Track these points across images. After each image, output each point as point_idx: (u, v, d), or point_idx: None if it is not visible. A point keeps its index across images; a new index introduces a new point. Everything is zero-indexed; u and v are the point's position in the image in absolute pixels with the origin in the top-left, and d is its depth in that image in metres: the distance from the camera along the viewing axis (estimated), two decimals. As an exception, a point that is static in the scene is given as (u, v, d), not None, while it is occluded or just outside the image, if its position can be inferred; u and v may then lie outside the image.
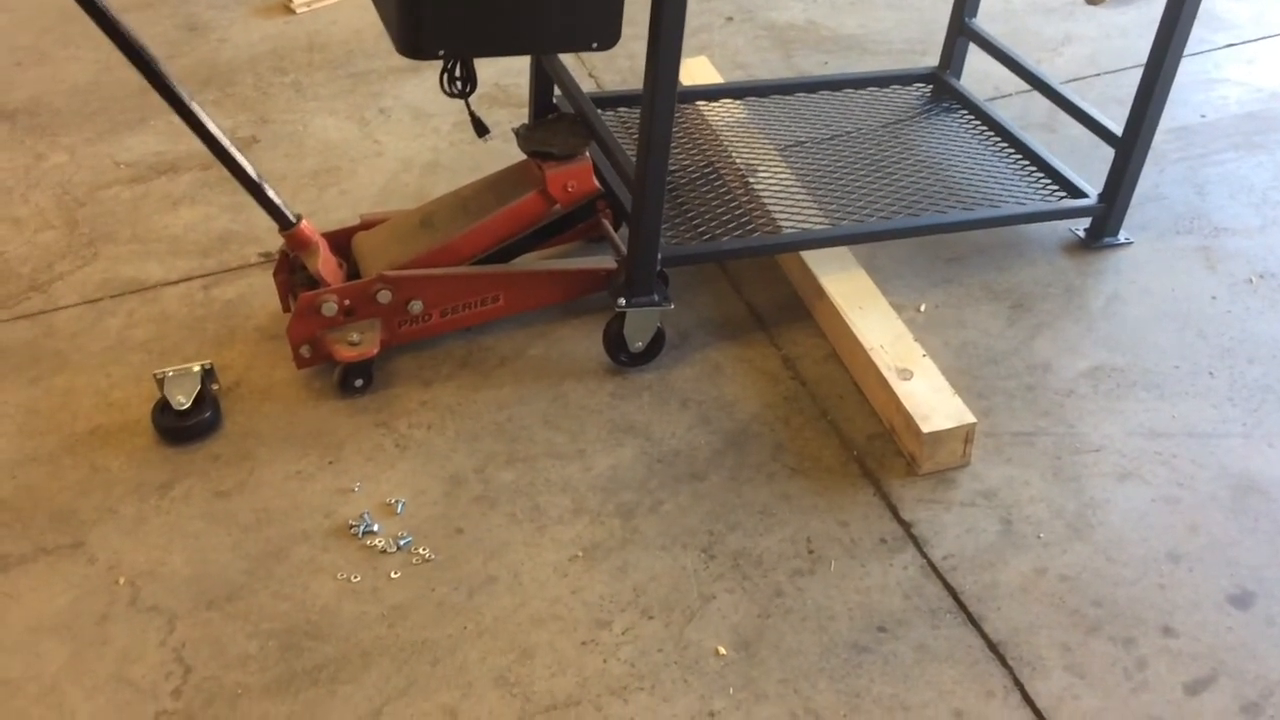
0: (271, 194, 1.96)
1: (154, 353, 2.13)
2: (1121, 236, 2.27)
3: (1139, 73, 2.13)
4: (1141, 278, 2.20)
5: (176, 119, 1.86)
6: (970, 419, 1.81)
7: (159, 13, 3.36)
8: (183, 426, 1.94)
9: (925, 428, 1.79)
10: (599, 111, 2.24)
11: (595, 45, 1.82)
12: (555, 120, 2.20)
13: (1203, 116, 2.62)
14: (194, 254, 2.39)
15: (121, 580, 1.72)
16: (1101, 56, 2.91)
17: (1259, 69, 2.82)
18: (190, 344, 2.15)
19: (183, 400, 1.93)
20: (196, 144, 1.88)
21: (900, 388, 1.86)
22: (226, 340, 2.16)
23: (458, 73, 2.03)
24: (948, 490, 1.81)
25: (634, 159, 2.09)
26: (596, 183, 2.14)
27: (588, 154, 2.13)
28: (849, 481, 1.83)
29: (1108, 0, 2.30)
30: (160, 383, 1.95)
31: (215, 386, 2.00)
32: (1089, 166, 2.35)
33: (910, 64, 2.91)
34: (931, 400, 1.84)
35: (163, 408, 1.95)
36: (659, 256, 1.97)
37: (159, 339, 2.17)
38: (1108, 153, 2.32)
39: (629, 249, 1.97)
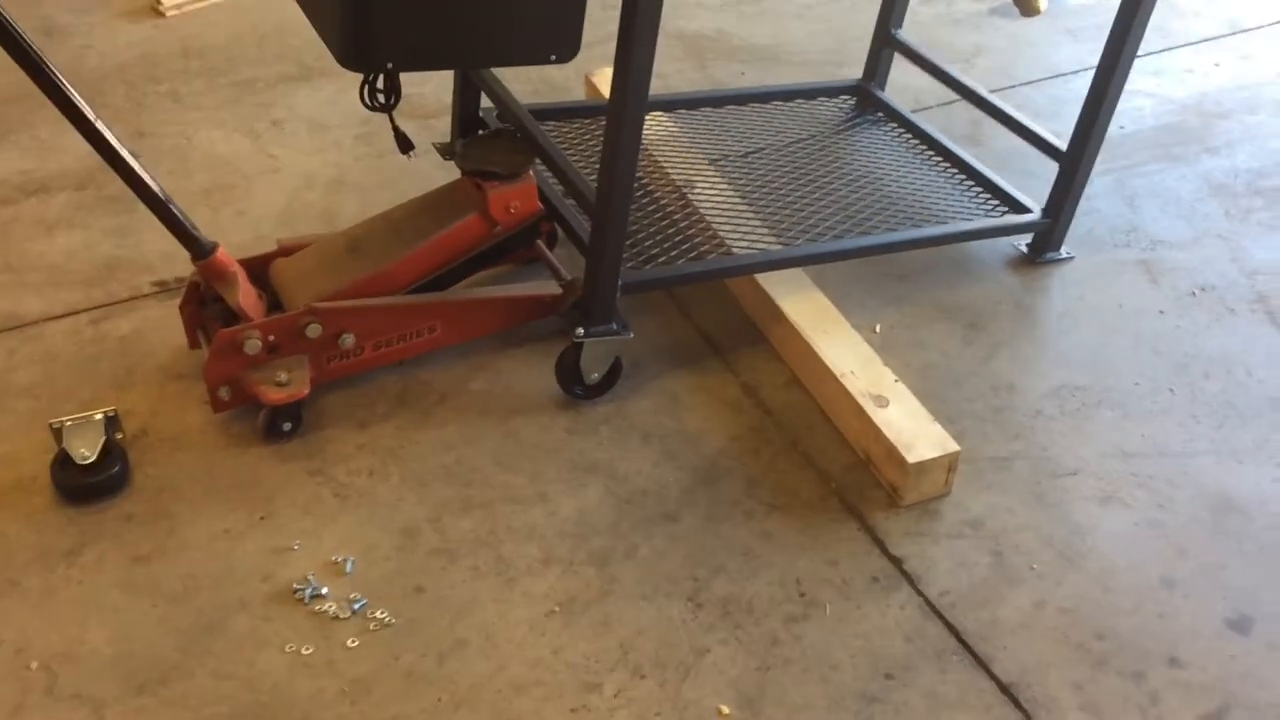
0: (181, 216, 1.76)
1: (43, 398, 1.89)
2: (1063, 251, 2.26)
3: (1057, 83, 2.12)
4: (1088, 293, 2.19)
5: (42, 133, 1.65)
6: (954, 447, 1.74)
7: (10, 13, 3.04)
8: (89, 483, 1.71)
9: (910, 457, 1.72)
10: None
11: (554, 58, 1.69)
12: (493, 136, 2.05)
13: (1121, 128, 2.64)
14: (77, 284, 2.14)
15: (34, 665, 1.50)
16: (1015, 67, 2.92)
17: (1167, 80, 2.87)
18: (83, 387, 1.92)
19: (86, 453, 1.70)
20: (68, 161, 1.67)
21: (878, 416, 1.79)
22: (125, 382, 1.93)
23: (380, 84, 1.86)
24: (933, 522, 1.74)
25: (588, 177, 1.96)
26: (540, 203, 2.00)
27: (531, 172, 1.99)
28: (830, 516, 1.75)
29: (1043, 10, 2.28)
30: (58, 433, 1.72)
31: (120, 436, 1.78)
32: (1020, 180, 2.34)
33: (826, 75, 2.86)
34: (911, 428, 1.77)
35: (63, 462, 1.72)
36: (619, 282, 1.84)
37: (46, 382, 1.92)
38: (1038, 165, 2.31)
39: (588, 275, 1.84)
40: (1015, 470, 1.83)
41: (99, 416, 1.74)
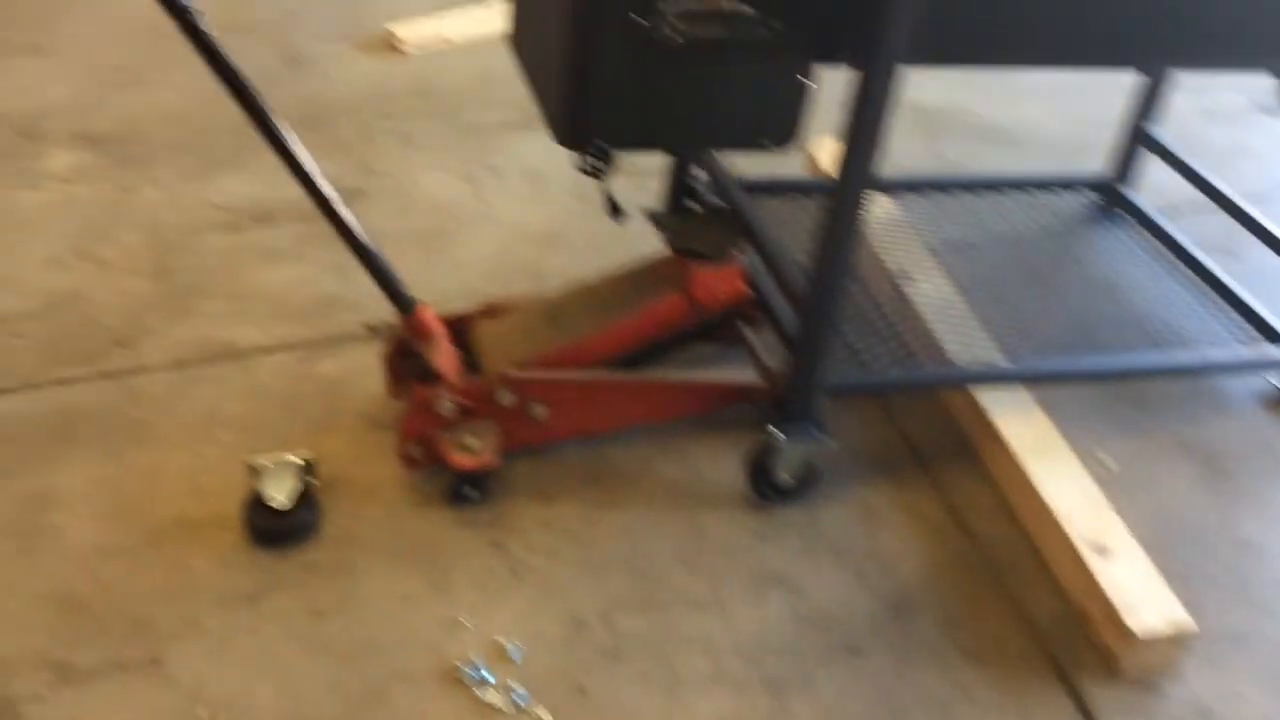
0: (388, 269, 1.76)
1: (248, 431, 1.93)
2: (1328, 394, 2.03)
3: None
4: (1353, 446, 1.95)
5: (275, 160, 1.66)
6: (1186, 619, 1.56)
7: (257, 39, 3.19)
8: (279, 528, 1.73)
9: (1134, 625, 1.55)
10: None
11: (768, 144, 1.61)
12: (705, 214, 1.99)
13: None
14: (293, 318, 2.19)
15: (204, 713, 1.51)
16: (1281, 175, 2.67)
17: None
18: (286, 425, 1.95)
19: (280, 499, 1.72)
20: (297, 192, 1.68)
21: (1099, 569, 1.62)
22: (326, 424, 1.95)
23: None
24: (1153, 700, 1.56)
25: (797, 268, 1.87)
26: (747, 288, 1.92)
27: (739, 255, 1.91)
28: (1035, 675, 1.59)
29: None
30: (255, 473, 1.74)
31: (314, 481, 1.79)
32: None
33: (1067, 164, 2.68)
34: (1137, 590, 1.60)
35: (256, 504, 1.74)
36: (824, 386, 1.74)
37: (253, 416, 1.96)
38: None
39: (791, 374, 1.75)
40: (1254, 650, 1.63)
41: (296, 461, 1.76)
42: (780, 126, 1.62)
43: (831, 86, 1.61)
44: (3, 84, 2.89)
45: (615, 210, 1.96)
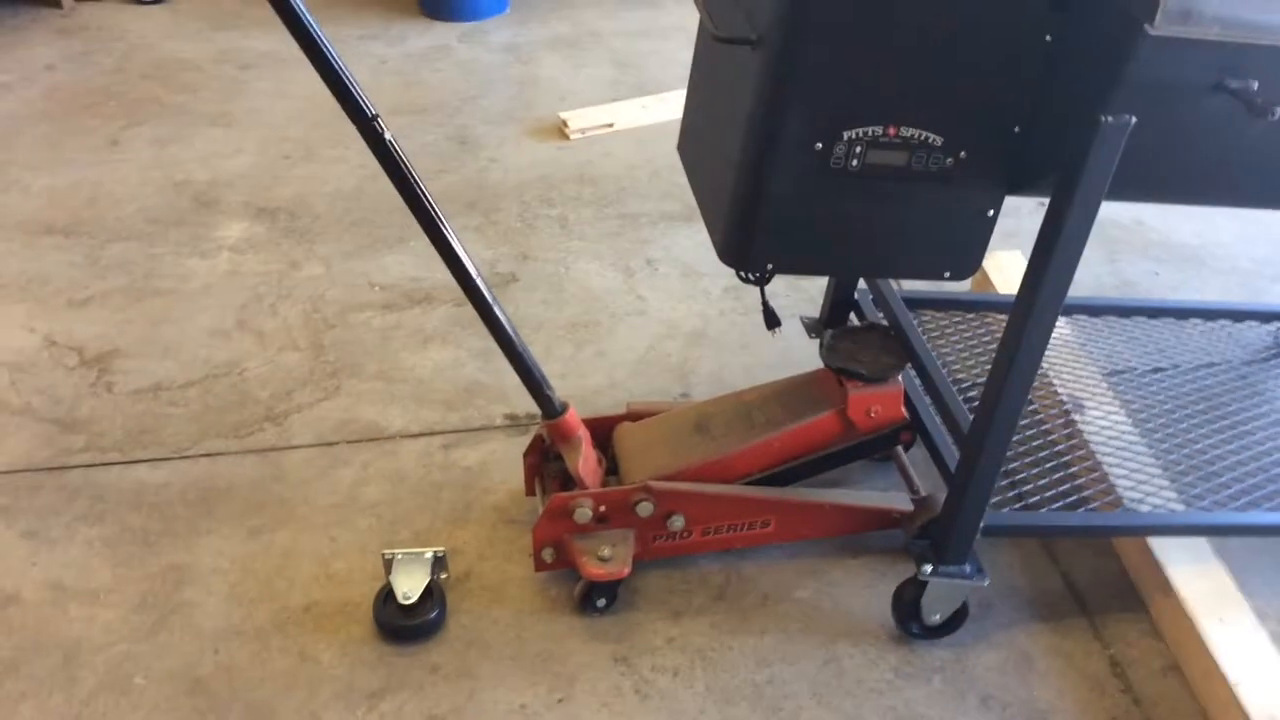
0: (536, 368, 1.73)
1: (384, 519, 1.93)
2: None
3: None
4: None
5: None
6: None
7: (431, 120, 3.27)
8: (406, 625, 1.71)
9: (1318, 819, 1.38)
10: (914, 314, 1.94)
11: (948, 275, 1.53)
12: (865, 330, 1.91)
13: None
14: (438, 404, 2.19)
15: (311, 813, 1.48)
16: None
17: None
18: (422, 514, 1.94)
19: (409, 594, 1.70)
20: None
21: (1281, 751, 1.46)
22: (461, 516, 1.94)
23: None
24: None
25: (963, 390, 1.78)
26: (905, 411, 1.83)
27: (900, 377, 1.83)
28: None
29: None
30: (388, 565, 1.73)
31: (444, 576, 1.77)
32: None
33: (1256, 289, 2.51)
34: (1323, 777, 1.43)
35: (387, 597, 1.73)
36: (982, 525, 1.64)
37: (391, 502, 1.96)
38: None
39: (946, 509, 1.65)
40: None
41: (428, 555, 1.74)
42: (961, 257, 1.53)
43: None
44: (188, 153, 3.04)
45: (772, 320, 1.89)
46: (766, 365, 2.32)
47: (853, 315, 2.07)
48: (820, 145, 1.41)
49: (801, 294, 2.52)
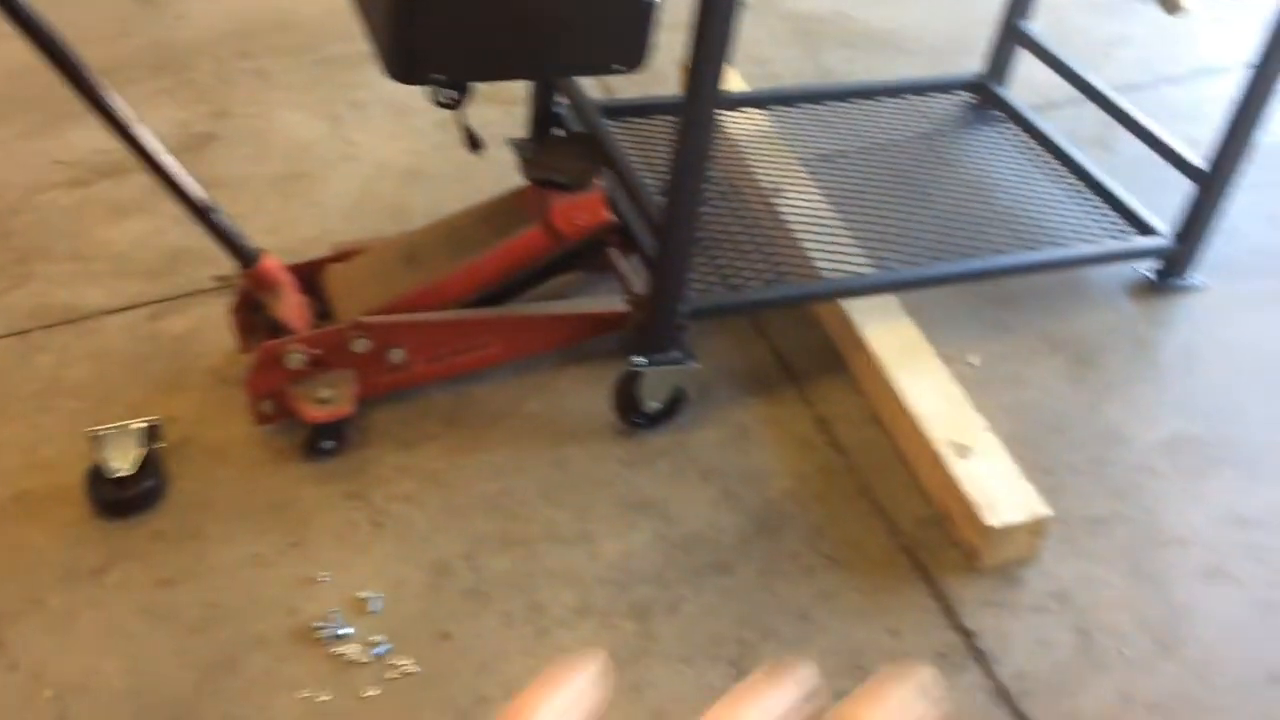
0: (226, 223, 1.67)
1: (91, 399, 1.85)
2: (1195, 279, 2.02)
3: (1202, 81, 1.88)
4: (1219, 329, 1.95)
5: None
6: (1043, 510, 1.56)
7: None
8: (121, 498, 1.66)
9: (990, 519, 1.54)
10: (609, 122, 1.96)
11: (619, 68, 1.54)
12: (563, 141, 1.92)
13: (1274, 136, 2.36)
14: (140, 275, 2.09)
15: (49, 693, 1.45)
16: (1158, 62, 2.64)
17: (1331, 81, 2.56)
18: (133, 388, 1.87)
19: (120, 466, 1.65)
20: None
21: (957, 468, 1.61)
22: (175, 384, 1.88)
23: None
24: (1014, 590, 1.56)
25: (654, 192, 1.81)
26: (609, 214, 1.86)
27: (600, 182, 1.85)
28: (898, 577, 1.58)
29: (1187, 7, 2.03)
30: (96, 443, 1.67)
31: (160, 445, 1.72)
32: (1152, 192, 2.09)
33: (947, 65, 2.63)
34: (995, 485, 1.59)
35: (97, 474, 1.67)
36: (682, 308, 1.70)
37: (97, 381, 1.88)
38: (1175, 173, 2.06)
39: (649, 299, 1.70)
40: (1114, 535, 1.63)
41: (136, 426, 1.69)
42: (628, 48, 1.54)
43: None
44: None
45: (474, 143, 1.88)
46: (485, 193, 2.28)
47: (555, 130, 2.07)
48: (460, -58, 1.37)
49: (516, 119, 2.50)
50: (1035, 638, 1.51)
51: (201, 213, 1.65)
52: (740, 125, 2.25)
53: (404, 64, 1.50)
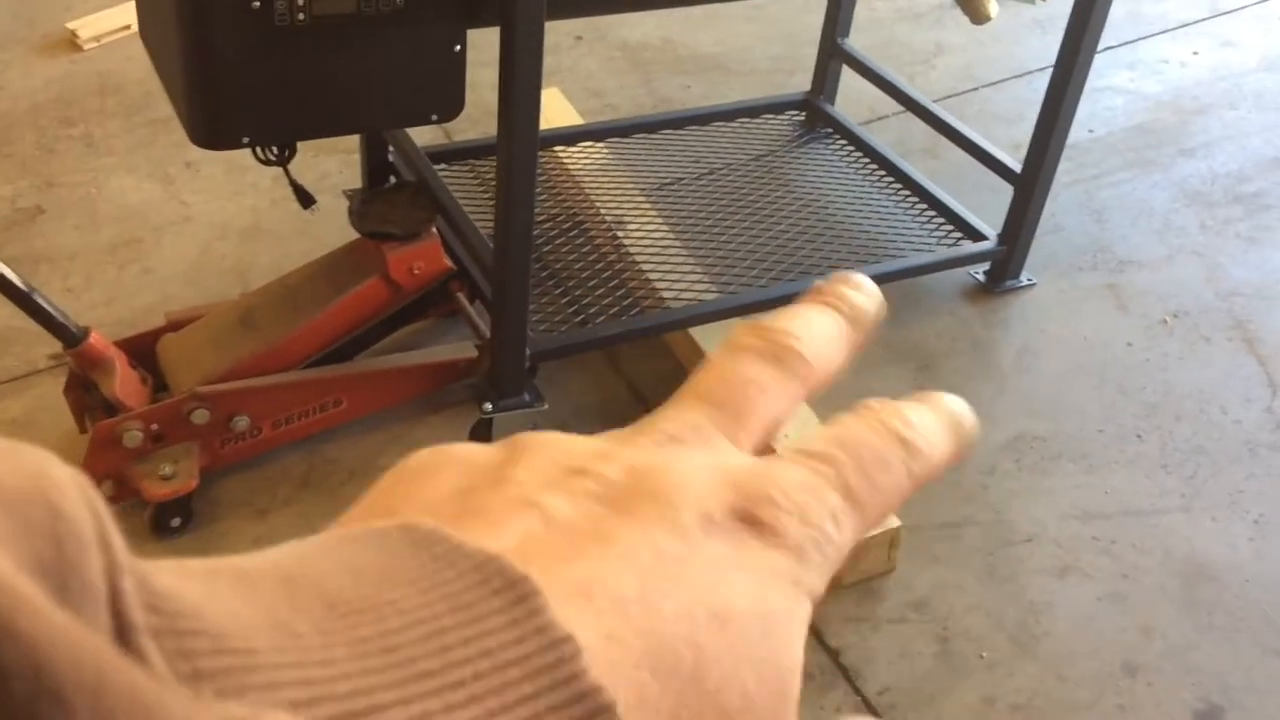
0: (47, 305, 1.62)
1: (-82, 498, 1.75)
2: (1024, 278, 2.10)
3: (1020, 83, 1.96)
4: (1050, 325, 2.03)
5: None
6: (895, 522, 1.60)
7: (-82, 53, 2.89)
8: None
9: (845, 536, 1.57)
10: (443, 167, 1.95)
11: (435, 118, 1.54)
12: (394, 190, 1.90)
13: (1090, 132, 2.47)
14: (-33, 362, 2.00)
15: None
16: (977, 68, 2.75)
17: (1141, 74, 2.70)
18: (-35, 482, 1.78)
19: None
20: None
21: (812, 487, 1.64)
22: (11, 473, 1.79)
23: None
24: (874, 604, 1.60)
25: (481, 235, 1.81)
26: (448, 261, 1.84)
27: (434, 229, 1.84)
28: (763, 602, 1.60)
29: (994, 16, 2.12)
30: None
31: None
32: (980, 198, 2.17)
33: (777, 84, 2.69)
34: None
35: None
36: (527, 351, 1.70)
37: (-76, 479, 1.78)
38: (999, 180, 2.15)
39: (492, 343, 1.70)
40: (965, 539, 1.68)
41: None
42: (443, 97, 1.54)
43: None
44: None
45: (305, 199, 1.86)
46: (330, 247, 2.25)
47: (394, 179, 2.05)
48: (258, 2, 1.35)
49: (355, 168, 2.47)
50: (897, 650, 1.54)
51: (19, 296, 1.59)
52: (578, 160, 2.26)
53: (206, 130, 1.48)
